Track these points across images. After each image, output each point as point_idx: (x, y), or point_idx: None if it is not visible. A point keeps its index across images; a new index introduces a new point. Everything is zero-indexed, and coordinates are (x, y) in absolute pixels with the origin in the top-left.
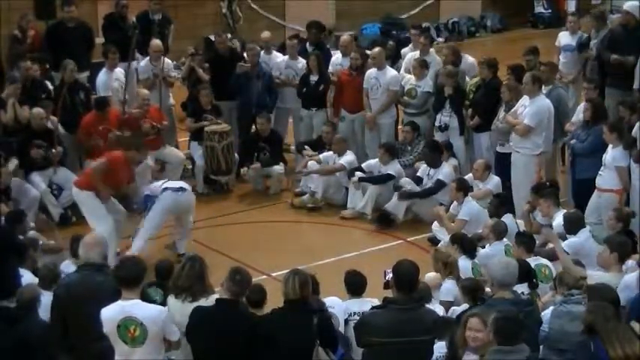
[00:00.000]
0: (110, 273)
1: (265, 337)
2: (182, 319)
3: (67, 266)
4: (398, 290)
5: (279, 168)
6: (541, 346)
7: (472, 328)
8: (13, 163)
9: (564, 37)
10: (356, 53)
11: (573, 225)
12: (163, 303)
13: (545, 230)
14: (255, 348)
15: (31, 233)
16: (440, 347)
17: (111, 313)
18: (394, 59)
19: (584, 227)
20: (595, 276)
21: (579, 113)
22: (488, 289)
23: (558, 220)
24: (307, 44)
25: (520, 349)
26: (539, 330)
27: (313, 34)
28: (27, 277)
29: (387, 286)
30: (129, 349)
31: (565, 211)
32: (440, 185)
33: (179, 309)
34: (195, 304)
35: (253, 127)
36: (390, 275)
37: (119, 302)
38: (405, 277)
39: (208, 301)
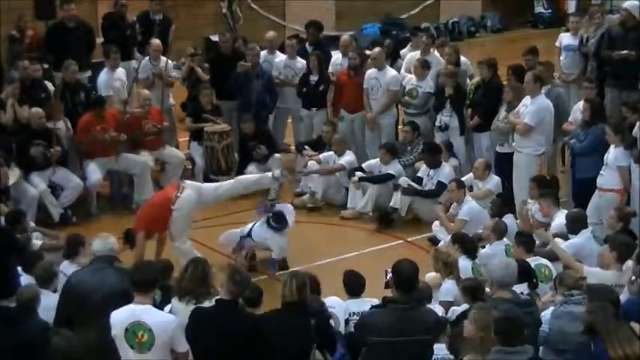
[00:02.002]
0: (121, 267)
1: (263, 338)
2: (186, 321)
3: (66, 267)
4: (397, 290)
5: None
6: (541, 347)
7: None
8: (15, 174)
9: (565, 38)
10: (354, 53)
11: (576, 224)
12: (162, 303)
13: (539, 232)
14: (254, 348)
15: (34, 234)
16: (440, 348)
17: (120, 316)
18: (393, 59)
19: (587, 227)
20: (593, 272)
21: (576, 112)
22: (488, 289)
23: (558, 220)
24: (307, 44)
25: (523, 349)
26: (538, 331)
27: (312, 34)
28: (26, 277)
29: (387, 285)
30: (135, 354)
31: (565, 211)
32: (441, 187)
33: (183, 311)
34: (199, 306)
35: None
36: (391, 275)
37: (130, 306)
38: (405, 277)
39: (212, 304)
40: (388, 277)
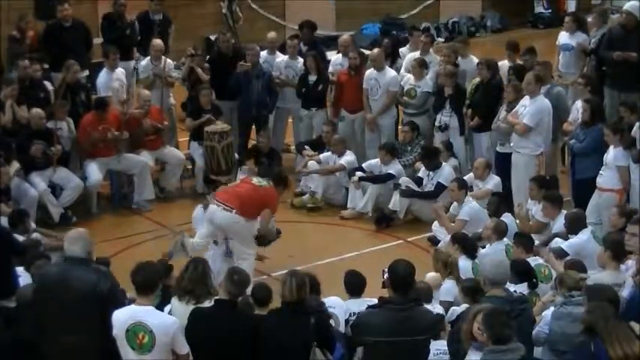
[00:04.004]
0: (92, 267)
1: (262, 338)
2: (185, 322)
3: None
4: (393, 290)
5: None
6: (541, 348)
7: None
8: (14, 166)
9: (563, 37)
10: (354, 53)
11: (575, 224)
12: (161, 303)
13: (539, 250)
14: (253, 348)
15: (35, 235)
16: (440, 344)
17: (122, 317)
18: (392, 59)
19: (586, 227)
20: (592, 276)
21: (574, 112)
22: None
23: (559, 223)
24: (301, 44)
25: (514, 348)
26: (531, 328)
27: (305, 34)
28: (25, 277)
29: (384, 285)
30: (136, 355)
31: (565, 212)
32: (441, 189)
33: (183, 311)
34: (199, 306)
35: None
36: (387, 275)
37: (132, 307)
38: (400, 277)
39: (212, 304)
40: (385, 278)
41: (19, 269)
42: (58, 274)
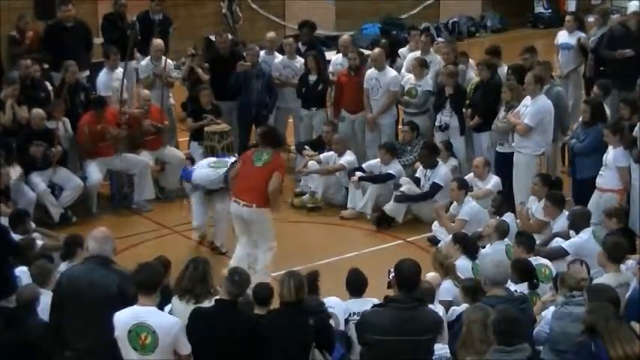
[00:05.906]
0: (115, 269)
1: (262, 338)
2: (186, 321)
3: (65, 268)
4: (399, 289)
5: None
6: (542, 347)
7: None
8: (17, 171)
9: (562, 36)
10: (353, 53)
11: (579, 220)
12: (162, 303)
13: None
14: (253, 349)
15: (35, 235)
16: (439, 347)
17: (124, 317)
18: (392, 59)
19: (589, 226)
20: (596, 279)
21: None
22: None
23: (560, 222)
24: (300, 44)
25: (521, 348)
26: (532, 327)
27: (305, 34)
28: (25, 277)
29: (390, 285)
30: (138, 356)
31: (567, 212)
32: (436, 188)
33: (183, 311)
34: (199, 306)
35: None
36: (393, 274)
37: (134, 307)
38: (406, 276)
39: (212, 303)
40: (390, 277)
41: (22, 269)
42: (83, 273)
